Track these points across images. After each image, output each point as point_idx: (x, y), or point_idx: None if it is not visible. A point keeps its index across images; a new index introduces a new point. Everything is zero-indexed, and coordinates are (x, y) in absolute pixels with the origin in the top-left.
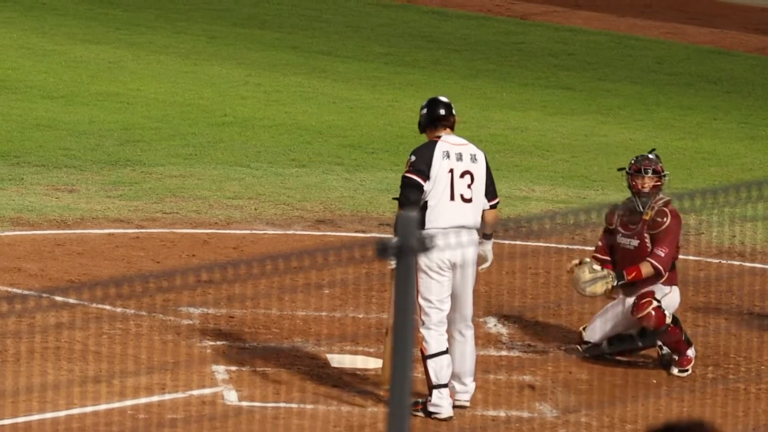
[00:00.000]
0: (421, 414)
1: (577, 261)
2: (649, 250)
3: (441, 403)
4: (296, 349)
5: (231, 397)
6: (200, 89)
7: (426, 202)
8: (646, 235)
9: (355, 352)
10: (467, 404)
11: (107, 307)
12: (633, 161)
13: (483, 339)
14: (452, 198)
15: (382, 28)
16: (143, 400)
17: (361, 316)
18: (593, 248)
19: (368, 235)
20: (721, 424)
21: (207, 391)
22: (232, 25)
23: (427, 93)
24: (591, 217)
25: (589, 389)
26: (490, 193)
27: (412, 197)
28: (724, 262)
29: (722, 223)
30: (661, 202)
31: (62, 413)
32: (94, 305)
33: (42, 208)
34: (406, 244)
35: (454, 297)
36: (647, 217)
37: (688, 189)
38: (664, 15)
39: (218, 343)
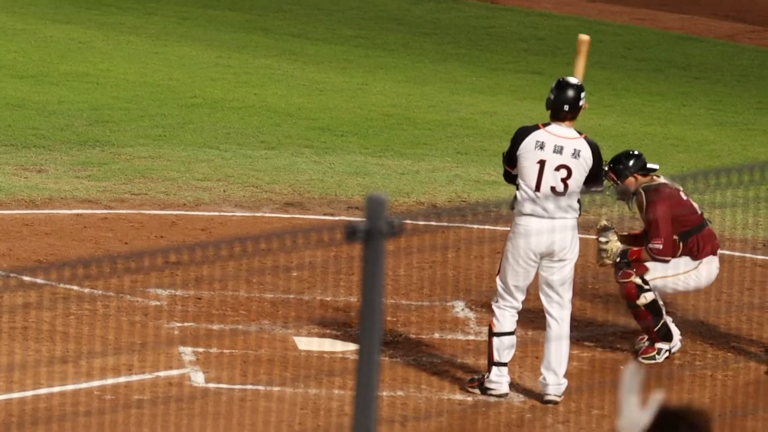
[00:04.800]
0: (476, 390)
1: (603, 223)
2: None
3: (500, 380)
4: (264, 332)
5: (198, 378)
6: (170, 70)
7: (517, 185)
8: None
9: (323, 335)
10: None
11: (75, 287)
12: None
13: (451, 323)
14: (537, 188)
15: (353, 11)
16: (110, 381)
17: (329, 299)
18: None
19: (337, 218)
20: None
21: (174, 372)
22: (202, 6)
23: (397, 76)
24: (558, 203)
25: None
26: (594, 181)
27: (507, 180)
28: None
29: None
30: (642, 186)
31: (29, 393)
32: (61, 285)
33: (10, 187)
34: (375, 228)
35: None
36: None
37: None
38: (635, 0)
39: (185, 324)
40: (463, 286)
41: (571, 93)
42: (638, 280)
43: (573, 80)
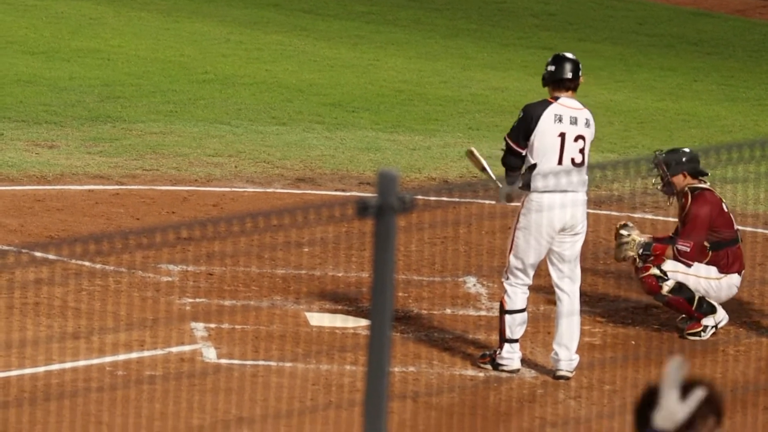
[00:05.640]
0: (488, 366)
1: (621, 223)
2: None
3: (512, 356)
4: (276, 307)
5: (210, 354)
6: (181, 46)
7: (534, 164)
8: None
9: (335, 311)
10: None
11: (87, 263)
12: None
13: (462, 299)
14: (560, 162)
15: None
16: (122, 357)
17: (340, 274)
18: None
19: (348, 193)
20: None
21: (186, 348)
22: None
23: (409, 52)
24: (571, 178)
25: None
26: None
27: (512, 163)
28: None
29: None
30: (689, 186)
31: (41, 369)
32: (73, 261)
33: (22, 163)
34: (386, 203)
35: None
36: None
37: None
38: None
39: (197, 300)
40: (474, 262)
41: (570, 64)
42: (656, 271)
43: (569, 54)
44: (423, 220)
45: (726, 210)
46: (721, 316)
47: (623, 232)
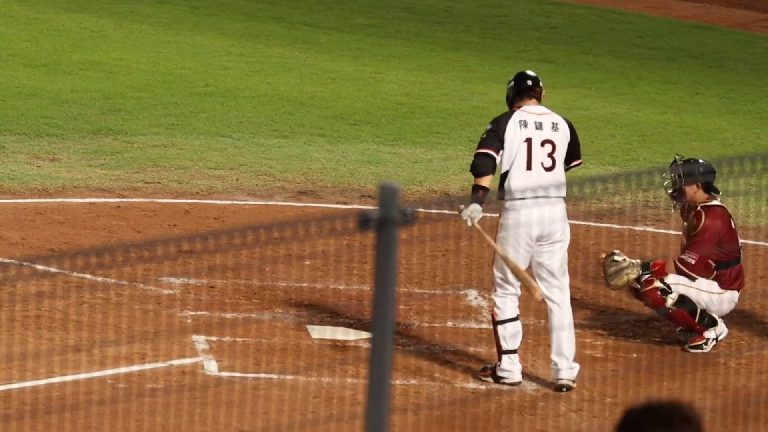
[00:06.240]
0: (489, 379)
1: (604, 255)
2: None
3: (512, 368)
4: (277, 320)
5: (211, 367)
6: (182, 59)
7: (506, 171)
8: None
9: (336, 324)
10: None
11: (88, 276)
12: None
13: (463, 312)
14: (529, 167)
15: (365, 0)
16: (123, 370)
17: (341, 287)
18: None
19: (349, 206)
20: (701, 398)
21: (187, 361)
22: None
23: (410, 65)
24: (572, 191)
25: None
26: (574, 156)
27: (482, 165)
28: None
29: None
30: (702, 203)
31: (42, 382)
32: (74, 274)
33: (23, 176)
34: (388, 216)
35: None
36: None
37: (669, 164)
38: None
39: (199, 313)
40: (476, 275)
41: (527, 76)
42: (660, 284)
43: (527, 71)
44: (424, 233)
45: (734, 227)
46: (722, 329)
47: (618, 258)
